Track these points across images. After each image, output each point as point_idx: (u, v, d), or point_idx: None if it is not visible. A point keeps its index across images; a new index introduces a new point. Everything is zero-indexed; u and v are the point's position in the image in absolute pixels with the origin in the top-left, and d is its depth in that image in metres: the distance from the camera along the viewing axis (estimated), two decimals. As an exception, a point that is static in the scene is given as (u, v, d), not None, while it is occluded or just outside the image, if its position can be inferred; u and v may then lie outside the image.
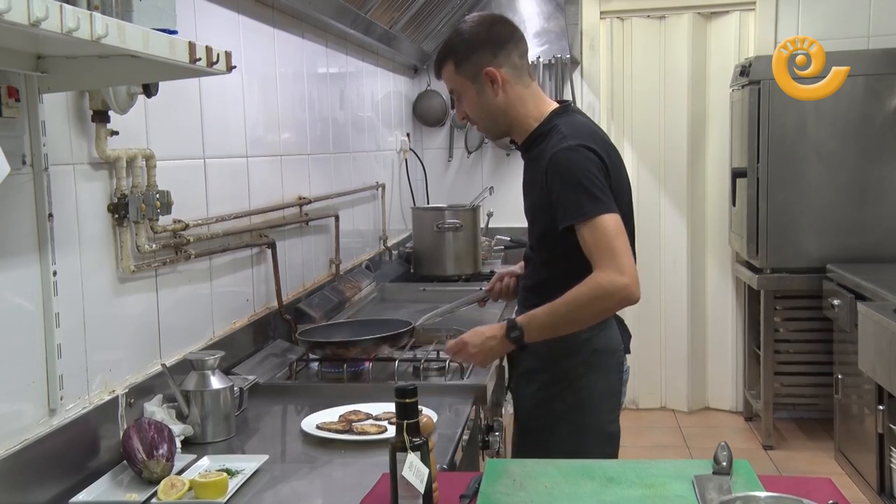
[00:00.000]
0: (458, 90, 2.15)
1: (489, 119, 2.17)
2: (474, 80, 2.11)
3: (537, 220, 2.14)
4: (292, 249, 2.97)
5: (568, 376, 2.15)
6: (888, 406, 3.44)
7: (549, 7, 5.04)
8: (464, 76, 2.11)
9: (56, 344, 1.63)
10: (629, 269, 1.96)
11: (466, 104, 2.16)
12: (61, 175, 1.69)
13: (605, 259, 1.95)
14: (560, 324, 2.03)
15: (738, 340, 5.07)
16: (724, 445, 1.63)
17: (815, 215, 4.45)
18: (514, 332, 2.05)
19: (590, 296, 1.97)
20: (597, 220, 1.97)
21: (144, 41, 1.34)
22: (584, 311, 2.01)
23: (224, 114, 2.47)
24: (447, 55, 2.13)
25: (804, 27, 4.72)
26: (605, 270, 1.95)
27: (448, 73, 2.14)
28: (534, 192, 2.13)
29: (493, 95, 2.11)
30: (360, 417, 2.02)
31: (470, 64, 2.10)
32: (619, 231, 1.98)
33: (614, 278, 1.94)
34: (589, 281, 1.97)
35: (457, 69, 2.12)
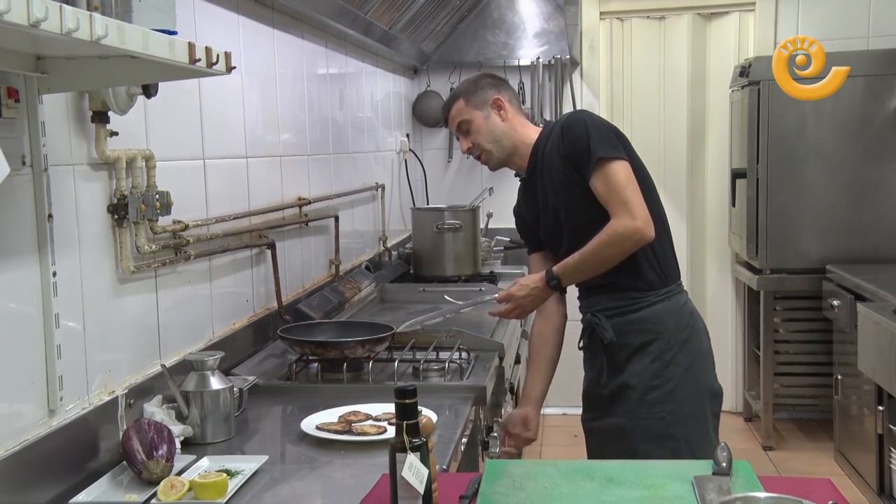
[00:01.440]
0: (467, 121, 2.42)
1: (495, 142, 2.42)
2: (482, 109, 2.42)
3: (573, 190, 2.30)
4: (292, 250, 2.97)
5: (679, 339, 2.32)
6: (888, 407, 3.44)
7: (549, 8, 5.04)
8: (472, 107, 2.42)
9: (56, 344, 1.63)
10: (641, 212, 2.21)
11: (475, 131, 2.42)
12: (61, 176, 1.69)
13: (618, 207, 2.21)
14: (589, 267, 2.29)
15: (738, 341, 5.07)
16: (723, 446, 1.63)
17: (814, 216, 4.45)
18: (553, 281, 2.32)
19: (609, 241, 2.23)
20: (607, 169, 2.23)
21: (144, 42, 1.34)
22: (607, 254, 2.24)
23: (224, 114, 2.47)
24: (457, 96, 2.46)
25: (804, 28, 4.72)
26: (619, 218, 2.20)
27: (458, 109, 2.43)
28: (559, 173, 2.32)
29: (500, 120, 2.42)
30: (359, 418, 2.02)
31: (478, 97, 2.42)
32: (628, 178, 2.23)
33: (627, 223, 2.20)
34: (607, 229, 2.22)
35: (467, 102, 2.42)
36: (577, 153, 2.26)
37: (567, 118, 2.37)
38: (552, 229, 2.41)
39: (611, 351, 2.34)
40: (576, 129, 2.28)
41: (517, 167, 2.48)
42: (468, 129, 2.43)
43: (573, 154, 2.27)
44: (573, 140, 2.27)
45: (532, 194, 2.45)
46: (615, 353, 2.34)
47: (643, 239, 2.22)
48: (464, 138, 2.47)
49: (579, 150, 2.26)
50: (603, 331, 2.33)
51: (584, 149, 2.25)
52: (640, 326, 2.32)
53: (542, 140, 2.40)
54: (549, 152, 2.35)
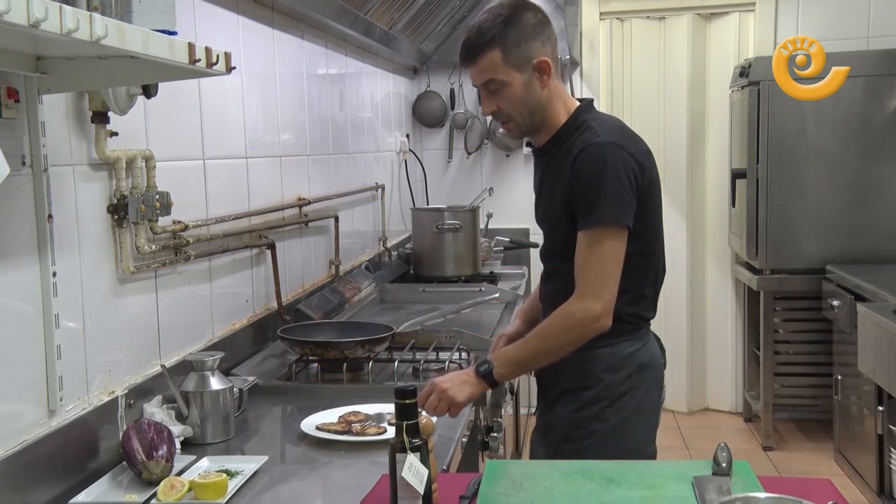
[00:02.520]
0: (499, 81, 1.93)
1: (528, 114, 1.98)
2: (523, 71, 1.93)
3: (561, 222, 1.98)
4: (292, 250, 2.97)
5: (612, 393, 2.01)
6: (888, 407, 3.44)
7: (549, 8, 5.03)
8: (511, 65, 1.92)
9: (55, 345, 1.63)
10: (608, 298, 1.88)
11: (507, 97, 1.95)
12: (61, 176, 1.69)
13: (585, 280, 1.89)
14: (531, 358, 1.96)
15: (738, 341, 5.07)
16: (723, 446, 1.63)
17: (814, 216, 4.45)
18: (482, 367, 1.93)
19: (561, 327, 1.91)
20: (600, 236, 1.89)
21: (144, 42, 1.34)
22: (554, 344, 1.93)
23: (224, 115, 2.47)
24: (493, 42, 1.90)
25: (804, 28, 4.72)
26: (584, 297, 1.88)
27: (491, 62, 1.91)
28: (557, 191, 1.98)
29: (540, 88, 1.96)
30: (359, 418, 2.02)
31: (520, 52, 1.91)
32: (614, 255, 1.90)
33: (589, 306, 1.87)
34: (561, 310, 1.91)
35: (505, 57, 1.91)
36: (579, 199, 1.91)
37: (586, 150, 1.91)
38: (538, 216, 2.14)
39: (544, 384, 2.11)
40: (587, 173, 1.89)
41: (536, 141, 2.09)
42: (499, 90, 1.95)
43: (575, 195, 1.92)
44: (581, 181, 1.90)
45: (538, 169, 2.12)
46: (548, 389, 2.10)
47: (598, 329, 1.89)
48: (489, 98, 1.98)
49: (581, 199, 1.90)
50: None
51: (588, 201, 1.89)
52: (575, 369, 2.00)
53: (563, 135, 2.01)
54: (562, 158, 1.97)
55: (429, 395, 1.91)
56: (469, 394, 1.91)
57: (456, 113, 5.07)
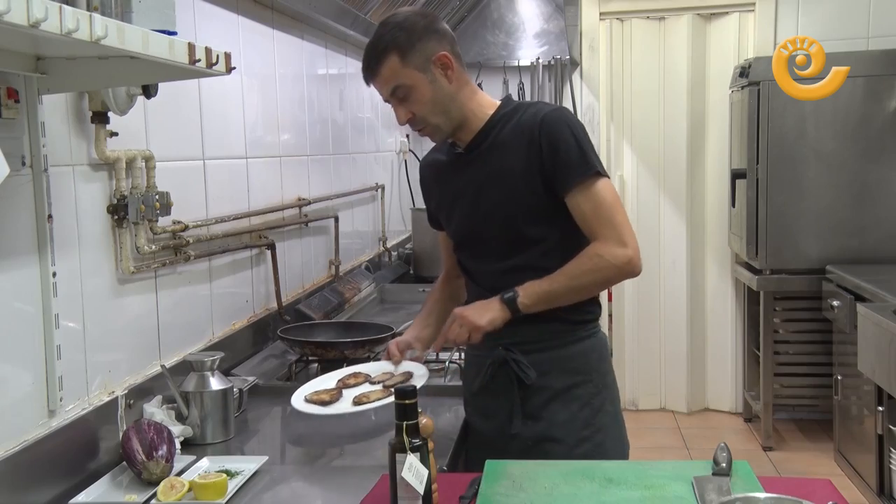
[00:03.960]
0: (405, 85, 1.88)
1: (442, 112, 1.92)
2: (424, 70, 1.89)
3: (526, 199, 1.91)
4: (292, 250, 2.97)
5: (607, 382, 1.99)
6: (888, 407, 3.44)
7: (549, 8, 5.04)
8: (412, 67, 1.87)
9: (55, 345, 1.63)
10: (632, 241, 1.87)
11: (416, 99, 1.90)
12: (61, 176, 1.69)
13: (605, 228, 1.86)
14: (558, 293, 1.89)
15: (738, 341, 5.07)
16: (723, 446, 1.63)
17: (814, 216, 4.45)
18: (507, 294, 1.88)
19: (592, 268, 1.87)
20: (599, 184, 1.87)
21: (144, 42, 1.34)
22: (584, 283, 1.90)
23: (223, 115, 2.47)
24: (388, 49, 1.87)
25: (803, 28, 4.72)
26: (606, 242, 1.86)
27: (391, 69, 1.88)
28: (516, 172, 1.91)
29: (447, 83, 1.91)
30: (359, 380, 2.01)
31: (417, 53, 1.88)
32: (617, 198, 1.91)
33: (616, 251, 1.85)
34: (590, 252, 1.87)
35: (403, 61, 1.87)
36: (559, 162, 1.87)
37: (548, 115, 1.90)
38: (465, 221, 2.01)
39: (526, 394, 1.95)
40: (561, 134, 1.88)
41: (459, 141, 1.99)
42: (407, 95, 1.89)
43: (550, 161, 1.87)
44: (556, 146, 1.87)
45: (458, 172, 2.01)
46: (531, 397, 1.95)
47: (632, 272, 1.88)
48: (400, 106, 1.92)
49: (563, 160, 1.87)
50: (523, 371, 1.93)
51: (572, 160, 1.86)
52: (565, 366, 1.95)
53: (501, 119, 1.96)
54: (510, 140, 1.93)
55: (450, 324, 1.91)
56: (490, 318, 1.87)
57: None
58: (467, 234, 2.02)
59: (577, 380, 1.95)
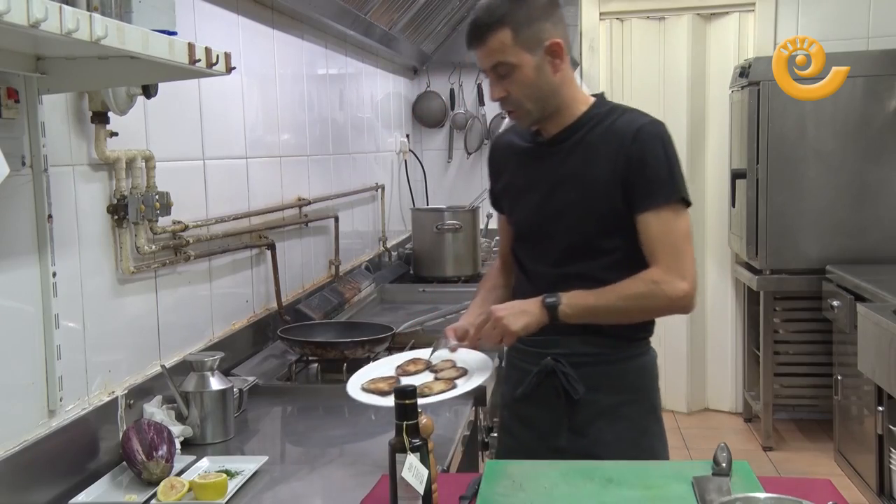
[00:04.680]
0: (509, 63, 1.79)
1: (540, 100, 1.84)
2: (533, 52, 1.79)
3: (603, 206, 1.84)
4: (292, 250, 2.97)
5: (654, 402, 1.94)
6: (888, 407, 3.44)
7: (549, 8, 5.04)
8: (522, 46, 1.78)
9: (55, 345, 1.63)
10: (692, 276, 1.81)
11: (517, 80, 1.80)
12: (61, 176, 1.69)
13: (669, 258, 1.79)
14: (604, 309, 1.82)
15: (738, 341, 5.07)
16: (723, 446, 1.63)
17: (814, 216, 4.45)
18: (550, 298, 1.80)
19: (645, 293, 1.80)
20: (677, 211, 1.82)
21: (144, 42, 1.34)
22: (632, 307, 1.83)
23: (223, 115, 2.47)
24: (502, 21, 1.77)
25: (803, 28, 4.72)
26: (666, 271, 1.79)
27: (500, 43, 1.78)
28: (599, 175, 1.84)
29: (552, 72, 1.82)
30: (419, 367, 1.92)
31: (532, 33, 1.78)
32: (690, 231, 1.84)
33: (676, 282, 1.78)
34: (647, 277, 1.80)
35: (515, 38, 1.77)
36: (645, 179, 1.80)
37: (646, 127, 1.83)
38: (533, 215, 1.93)
39: (574, 409, 1.89)
40: (654, 150, 1.81)
41: (545, 131, 1.92)
42: (508, 74, 1.81)
43: (637, 175, 1.80)
44: (645, 160, 1.80)
45: (535, 162, 1.93)
46: (576, 412, 1.89)
47: (685, 308, 1.83)
48: (497, 82, 1.83)
49: (649, 177, 1.80)
50: (572, 385, 1.87)
51: (659, 180, 1.80)
52: (615, 383, 1.90)
53: (592, 119, 1.88)
54: (599, 143, 1.85)
55: (484, 324, 1.83)
56: (525, 324, 1.80)
57: (456, 113, 5.08)
58: (532, 229, 1.94)
59: (625, 398, 1.90)
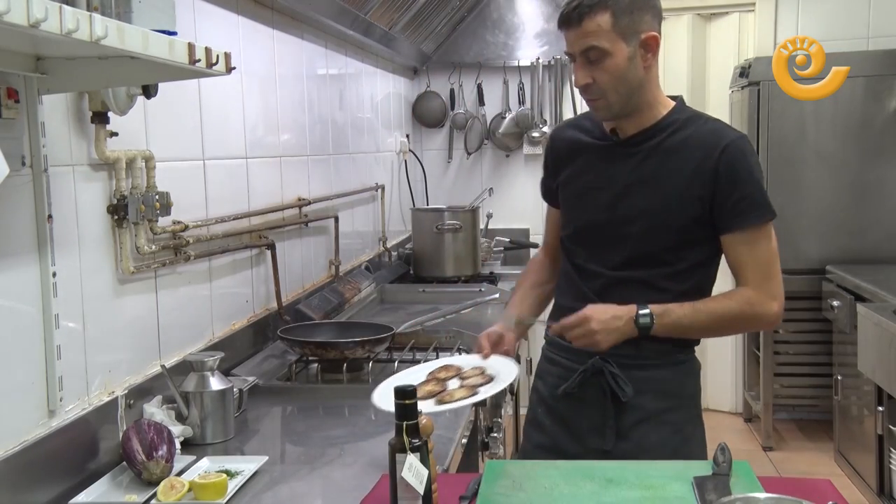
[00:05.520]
0: (602, 49, 1.73)
1: (625, 93, 1.78)
2: (629, 42, 1.75)
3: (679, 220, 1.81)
4: (292, 250, 2.97)
5: (698, 409, 1.94)
6: (888, 407, 3.44)
7: (549, 8, 5.04)
8: (619, 34, 1.73)
9: (55, 345, 1.63)
10: (781, 296, 1.82)
11: (607, 68, 1.74)
12: (61, 176, 1.69)
13: (761, 278, 1.79)
14: (696, 329, 1.82)
15: (738, 341, 5.06)
16: (723, 446, 1.62)
17: (814, 216, 4.45)
18: (643, 318, 1.76)
19: (739, 315, 1.80)
20: (767, 231, 1.80)
21: (144, 42, 1.34)
22: (724, 326, 1.84)
23: (223, 115, 2.47)
24: (605, 3, 1.71)
25: (804, 28, 4.72)
26: (759, 291, 1.79)
27: (598, 26, 1.71)
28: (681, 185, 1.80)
29: (642, 66, 1.78)
30: (450, 374, 1.90)
31: (631, 21, 1.74)
32: (776, 247, 1.83)
33: (768, 304, 1.80)
34: (741, 297, 1.79)
35: (615, 23, 1.72)
36: (736, 199, 1.76)
37: (735, 143, 1.78)
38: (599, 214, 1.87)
39: (619, 411, 1.86)
40: (745, 168, 1.77)
41: (620, 129, 1.86)
42: (599, 60, 1.74)
43: (725, 194, 1.76)
44: (736, 179, 1.76)
45: (606, 161, 1.87)
46: (622, 415, 1.86)
47: (772, 326, 1.86)
48: (585, 68, 1.76)
49: (740, 198, 1.76)
50: (620, 387, 1.84)
51: (752, 201, 1.77)
52: (661, 388, 1.88)
53: (672, 124, 1.84)
54: (680, 150, 1.80)
55: (576, 325, 1.77)
56: (615, 340, 1.77)
57: (456, 113, 5.08)
58: (597, 230, 1.87)
59: (671, 404, 1.89)
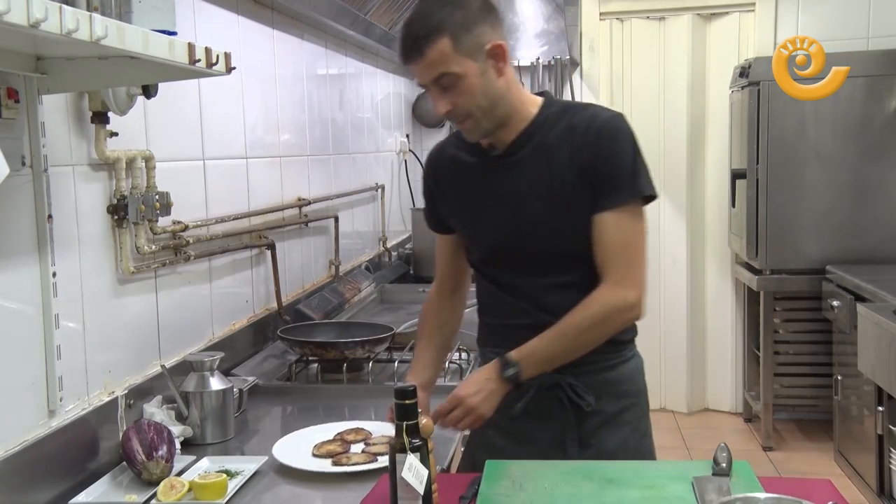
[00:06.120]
0: (453, 73, 1.66)
1: (489, 107, 1.71)
2: (476, 59, 1.67)
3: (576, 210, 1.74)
4: (292, 251, 2.97)
5: (647, 402, 1.91)
6: (888, 407, 3.43)
7: (549, 8, 5.04)
8: (463, 54, 1.65)
9: (55, 345, 1.63)
10: (640, 284, 1.74)
11: (464, 90, 1.68)
12: (61, 176, 1.69)
13: (620, 266, 1.72)
14: (566, 352, 1.74)
15: (738, 341, 5.07)
16: (723, 446, 1.62)
17: (814, 216, 4.45)
18: (509, 370, 1.70)
19: (600, 318, 1.72)
20: (637, 212, 1.74)
21: (144, 42, 1.34)
22: (589, 338, 1.74)
23: (223, 115, 2.47)
24: (439, 29, 1.64)
25: (803, 28, 4.72)
26: (617, 286, 1.71)
27: (440, 53, 1.64)
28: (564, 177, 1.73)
29: (497, 76, 1.70)
30: (359, 437, 1.88)
31: (472, 38, 1.66)
32: (645, 231, 1.76)
33: (624, 295, 1.71)
34: (596, 301, 1.72)
35: (455, 45, 1.64)
36: (608, 176, 1.71)
37: (609, 122, 1.74)
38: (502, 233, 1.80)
39: (580, 420, 1.81)
40: (620, 144, 1.72)
41: (497, 141, 1.78)
42: (453, 84, 1.67)
43: (601, 172, 1.71)
44: (609, 157, 1.71)
45: (491, 177, 1.80)
46: (582, 423, 1.81)
47: (634, 319, 1.76)
48: (443, 96, 1.69)
49: (613, 174, 1.71)
50: (581, 396, 1.79)
51: (623, 178, 1.72)
52: (617, 389, 1.83)
53: (546, 122, 1.77)
54: (559, 144, 1.74)
55: (451, 409, 1.70)
56: (494, 404, 1.71)
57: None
58: (503, 248, 1.81)
59: (626, 403, 1.85)
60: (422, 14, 1.68)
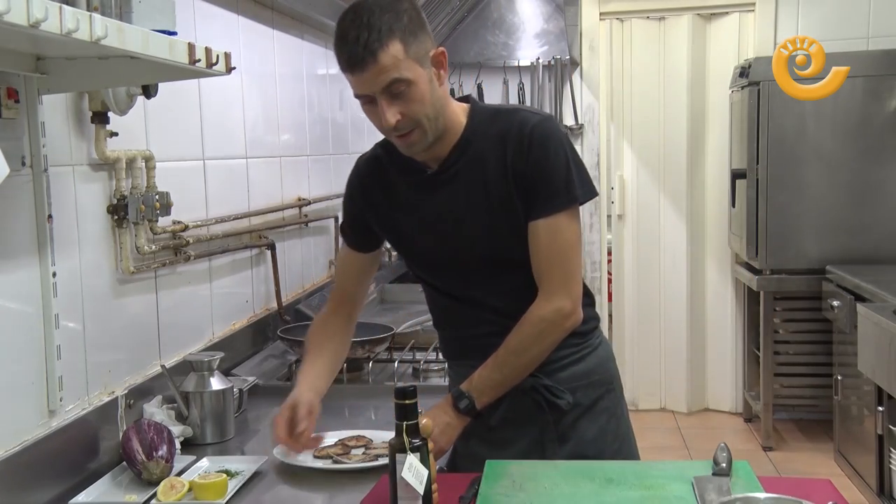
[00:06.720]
0: (405, 80, 1.58)
1: (434, 117, 1.64)
2: (424, 65, 1.61)
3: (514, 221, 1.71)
4: (292, 250, 2.97)
5: (620, 386, 1.90)
6: (888, 407, 3.43)
7: (549, 8, 5.04)
8: (414, 59, 1.58)
9: (55, 345, 1.63)
10: (577, 289, 1.72)
11: (414, 97, 1.60)
12: (61, 176, 1.69)
13: (555, 273, 1.69)
14: (513, 374, 1.73)
15: (738, 342, 5.07)
16: (723, 446, 1.62)
17: (814, 216, 4.45)
18: (462, 402, 1.70)
19: (538, 335, 1.71)
20: (570, 219, 1.69)
21: (144, 42, 1.34)
22: (533, 355, 1.73)
23: (223, 115, 2.47)
24: (392, 33, 1.55)
25: (803, 28, 4.72)
26: (554, 295, 1.69)
27: (393, 57, 1.55)
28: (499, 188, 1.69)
29: (439, 85, 1.65)
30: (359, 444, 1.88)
31: (418, 43, 1.59)
32: (579, 237, 1.73)
33: (559, 306, 1.69)
34: (531, 319, 1.70)
35: (406, 49, 1.57)
36: (542, 183, 1.66)
37: (539, 127, 1.68)
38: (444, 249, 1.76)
39: (559, 418, 1.79)
40: (552, 149, 1.66)
41: (431, 156, 1.71)
42: (404, 92, 1.59)
43: (536, 179, 1.66)
44: (544, 161, 1.66)
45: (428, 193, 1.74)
46: (560, 419, 1.79)
47: (573, 326, 1.73)
48: (392, 105, 1.59)
49: (545, 182, 1.66)
50: (558, 396, 1.77)
51: (556, 186, 1.66)
52: (590, 380, 1.82)
53: (476, 131, 1.71)
54: (491, 153, 1.69)
55: None
56: (452, 437, 1.72)
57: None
58: (451, 263, 1.78)
59: (601, 391, 1.83)
60: (364, 21, 1.56)
